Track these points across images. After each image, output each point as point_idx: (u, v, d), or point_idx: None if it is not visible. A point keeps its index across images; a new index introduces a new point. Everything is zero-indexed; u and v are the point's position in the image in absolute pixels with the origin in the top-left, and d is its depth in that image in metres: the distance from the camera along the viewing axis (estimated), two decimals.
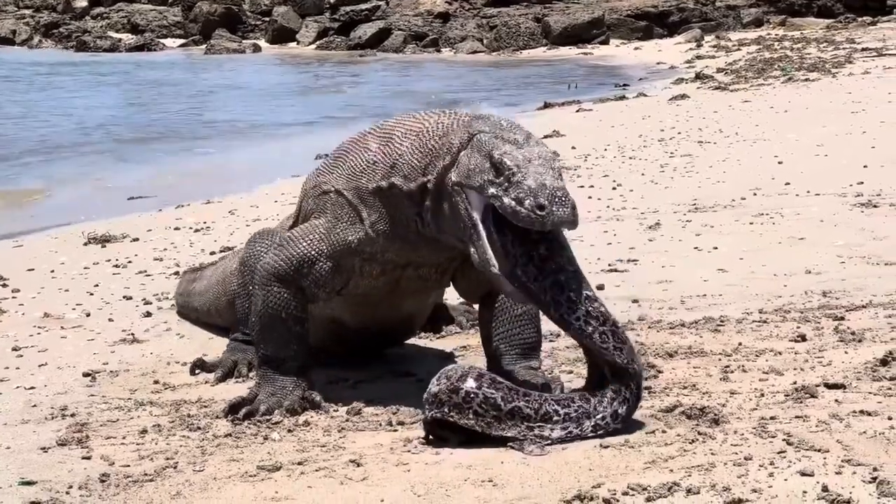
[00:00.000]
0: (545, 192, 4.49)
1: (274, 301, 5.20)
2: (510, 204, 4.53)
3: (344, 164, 5.30)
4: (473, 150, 4.74)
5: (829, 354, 5.50)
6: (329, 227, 5.21)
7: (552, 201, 4.47)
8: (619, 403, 4.60)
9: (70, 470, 4.55)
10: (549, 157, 4.68)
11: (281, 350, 5.22)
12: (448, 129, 4.95)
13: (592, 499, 3.91)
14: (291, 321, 5.21)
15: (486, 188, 4.62)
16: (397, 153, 5.07)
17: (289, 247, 5.22)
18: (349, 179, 5.22)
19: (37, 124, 20.60)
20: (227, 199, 12.61)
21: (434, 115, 5.10)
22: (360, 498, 4.12)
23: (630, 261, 8.07)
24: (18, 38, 44.91)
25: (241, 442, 4.79)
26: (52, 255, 9.48)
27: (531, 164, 4.60)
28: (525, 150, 4.67)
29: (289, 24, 42.80)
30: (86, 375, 5.94)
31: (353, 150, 5.31)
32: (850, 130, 14.30)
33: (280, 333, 5.21)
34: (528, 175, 4.54)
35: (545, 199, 4.47)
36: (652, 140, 14.97)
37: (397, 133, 5.15)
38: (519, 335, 5.33)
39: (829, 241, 8.34)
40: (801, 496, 3.83)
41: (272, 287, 5.20)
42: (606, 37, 37.82)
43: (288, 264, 5.19)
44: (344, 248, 5.17)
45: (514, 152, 4.64)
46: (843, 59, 25.00)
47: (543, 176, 4.55)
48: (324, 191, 5.34)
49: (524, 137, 4.77)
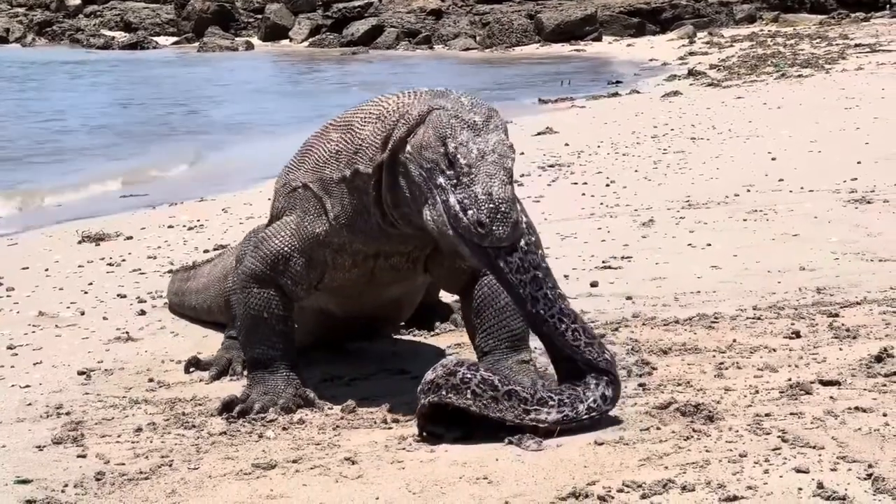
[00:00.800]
0: (489, 206, 4.44)
1: (255, 302, 5.21)
2: (454, 206, 4.50)
3: (309, 158, 5.32)
4: (429, 126, 4.70)
5: (824, 351, 5.51)
6: (298, 222, 5.22)
7: (493, 218, 4.43)
8: (604, 387, 4.62)
9: (65, 468, 4.55)
10: (503, 152, 4.60)
11: (268, 350, 5.23)
12: (408, 105, 4.91)
13: (587, 496, 3.91)
14: (274, 320, 5.21)
15: (435, 174, 4.60)
16: (359, 139, 5.05)
17: (262, 247, 5.24)
18: (314, 172, 5.22)
19: (30, 123, 20.56)
20: (220, 197, 12.61)
21: (394, 96, 5.08)
22: (355, 496, 4.12)
23: (624, 258, 8.07)
24: (12, 36, 44.87)
25: (236, 440, 4.79)
26: (47, 254, 9.47)
27: (484, 161, 4.54)
28: (481, 141, 4.60)
29: (281, 22, 42.79)
30: (80, 374, 5.93)
31: (316, 144, 5.32)
32: (844, 127, 14.31)
33: (265, 334, 5.22)
34: (478, 178, 4.50)
35: (486, 215, 4.43)
36: (645, 137, 14.97)
37: (357, 119, 5.14)
38: (506, 327, 5.19)
39: (823, 237, 8.34)
40: (797, 493, 3.83)
41: (252, 289, 5.22)
42: (599, 33, 37.85)
43: (264, 264, 5.20)
44: (313, 241, 5.18)
45: (470, 144, 4.58)
46: (837, 55, 25.03)
47: (493, 180, 4.49)
48: (293, 188, 5.35)
49: (483, 119, 4.69)
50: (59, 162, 16.29)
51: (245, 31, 44.00)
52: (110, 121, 21.03)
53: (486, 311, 5.20)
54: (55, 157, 16.68)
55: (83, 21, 47.63)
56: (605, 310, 6.68)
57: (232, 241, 9.18)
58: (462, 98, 4.82)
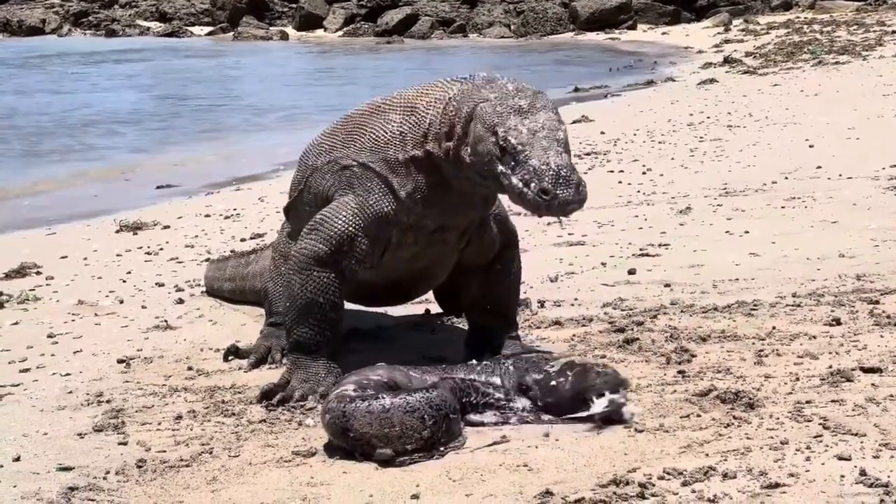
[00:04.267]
0: (550, 174, 4.54)
1: (313, 285, 5.17)
2: (517, 185, 4.62)
3: (363, 137, 5.32)
4: (477, 121, 4.81)
5: (865, 338, 5.47)
6: (361, 202, 5.20)
7: (556, 183, 4.53)
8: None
9: (107, 456, 4.58)
10: (553, 127, 4.71)
11: (315, 336, 5.21)
12: (465, 95, 4.98)
13: (628, 483, 3.90)
14: (329, 306, 5.19)
15: (494, 165, 4.72)
16: (426, 122, 5.10)
17: (324, 228, 5.19)
18: (374, 152, 5.24)
19: (66, 112, 20.65)
20: (256, 185, 12.65)
21: (457, 83, 5.12)
22: (395, 483, 4.13)
23: (661, 245, 8.05)
24: (48, 27, 45.04)
25: (276, 428, 4.80)
26: (85, 243, 9.52)
27: (536, 137, 4.65)
28: (530, 121, 4.71)
29: (316, 11, 42.77)
30: (120, 362, 5.96)
31: (372, 123, 5.33)
32: (882, 113, 14.21)
33: (316, 319, 5.19)
34: (533, 153, 4.61)
35: (549, 181, 4.53)
36: (681, 125, 14.91)
37: (421, 103, 5.18)
38: (506, 305, 5.59)
39: (862, 224, 8.28)
40: (839, 480, 3.81)
41: (312, 271, 5.17)
42: (634, 21, 37.66)
43: (327, 245, 5.16)
44: (380, 219, 5.18)
45: (519, 126, 4.69)
46: (874, 41, 24.83)
47: (548, 153, 4.60)
48: (342, 165, 5.35)
49: (529, 102, 4.80)
50: (96, 151, 16.35)
51: (279, 20, 44.01)
52: (146, 110, 21.10)
53: (496, 287, 5.56)
54: (90, 147, 16.75)
55: (118, 12, 47.78)
56: (643, 297, 6.66)
57: (269, 229, 9.21)
58: (508, 85, 4.91)
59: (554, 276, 7.30)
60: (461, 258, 5.51)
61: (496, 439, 4.45)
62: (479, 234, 5.40)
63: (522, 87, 4.91)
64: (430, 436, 4.35)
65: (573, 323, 6.17)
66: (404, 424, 4.32)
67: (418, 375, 4.77)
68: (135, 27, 44.01)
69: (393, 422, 4.32)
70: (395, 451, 4.31)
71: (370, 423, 4.32)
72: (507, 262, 5.57)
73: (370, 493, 4.06)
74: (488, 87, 4.92)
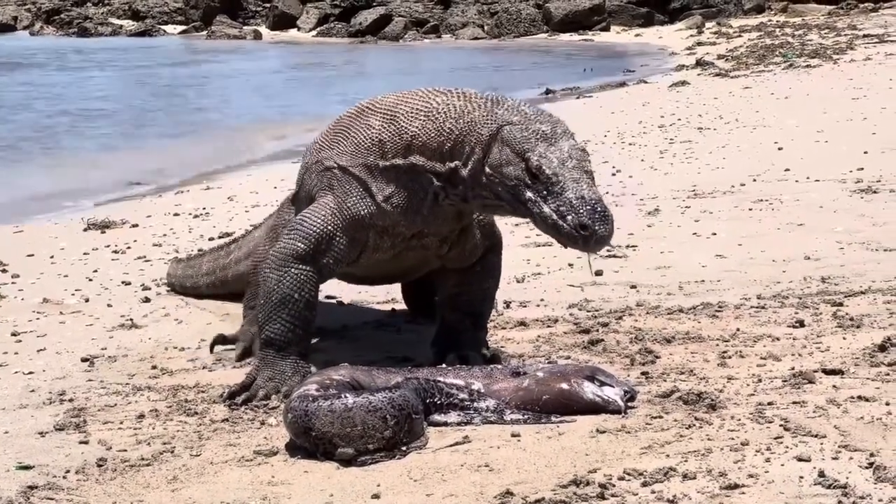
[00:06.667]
0: (586, 208, 4.58)
1: (290, 281, 5.18)
2: (550, 216, 4.65)
3: (345, 140, 5.35)
4: (503, 144, 4.81)
5: (828, 340, 5.50)
6: (339, 203, 5.24)
7: (594, 219, 4.58)
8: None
9: (67, 454, 4.55)
10: (580, 157, 4.75)
11: (286, 333, 5.21)
12: (464, 111, 4.98)
13: (589, 483, 3.91)
14: (303, 304, 5.19)
15: (521, 191, 4.74)
16: (408, 134, 5.10)
17: (304, 226, 5.23)
18: (353, 156, 5.26)
19: (35, 110, 20.56)
20: (226, 184, 12.61)
21: (441, 95, 5.11)
22: (356, 482, 4.12)
23: (629, 246, 8.07)
24: (20, 24, 44.88)
25: (238, 427, 4.79)
26: (52, 241, 9.47)
27: (565, 167, 4.67)
28: (557, 149, 4.73)
29: (289, 11, 42.74)
30: (84, 360, 5.93)
31: (354, 127, 5.35)
32: (851, 117, 14.28)
33: (290, 315, 5.19)
34: (567, 185, 4.64)
35: (587, 216, 4.57)
36: (652, 126, 14.95)
37: (401, 111, 5.18)
38: (479, 307, 5.56)
39: (828, 226, 8.33)
40: (798, 481, 3.82)
41: (290, 268, 5.18)
42: (607, 23, 37.77)
43: (306, 243, 5.19)
44: (357, 222, 5.20)
45: (549, 154, 4.70)
46: (845, 45, 24.97)
47: (580, 184, 4.65)
48: (325, 167, 5.39)
49: (551, 127, 4.82)
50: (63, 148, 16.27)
51: (253, 19, 43.99)
52: (116, 108, 21.02)
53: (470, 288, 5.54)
54: (58, 144, 16.67)
55: (91, 9, 47.63)
56: (609, 298, 6.68)
57: (237, 228, 9.19)
58: (523, 107, 4.93)
59: (521, 277, 7.31)
60: (443, 260, 5.53)
61: (458, 440, 4.45)
62: (461, 241, 5.41)
63: (538, 110, 4.95)
64: (392, 436, 4.34)
65: (538, 324, 6.18)
66: (366, 424, 4.32)
67: (382, 375, 4.77)
68: (107, 25, 43.86)
69: (355, 421, 4.31)
70: (357, 451, 4.30)
71: (332, 423, 4.31)
72: (489, 265, 5.58)
73: (331, 492, 4.05)
74: (502, 108, 4.93)
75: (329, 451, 4.32)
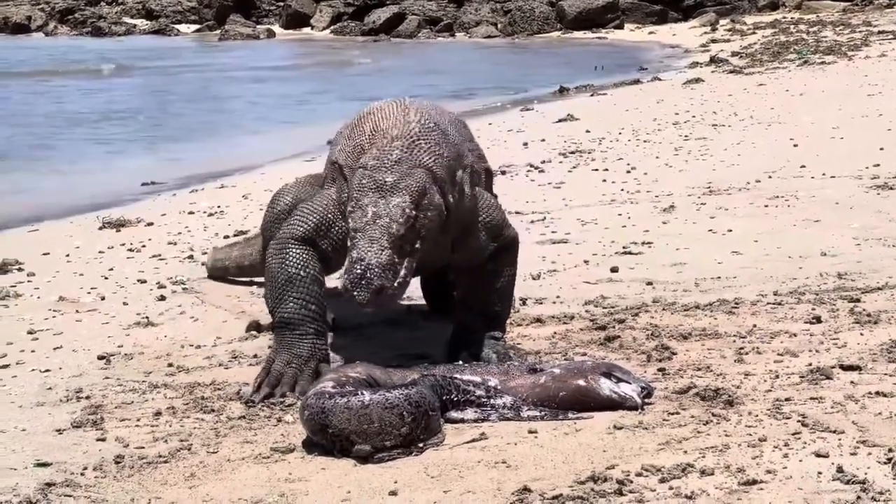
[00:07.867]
0: (354, 273, 4.73)
1: (292, 260, 5.28)
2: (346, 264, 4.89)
3: (347, 139, 5.64)
4: (352, 186, 5.07)
5: (845, 336, 5.49)
6: (338, 194, 5.42)
7: (356, 285, 4.71)
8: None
9: (85, 452, 4.57)
10: (394, 216, 4.85)
11: (299, 310, 5.25)
12: (368, 136, 5.40)
13: (606, 479, 3.91)
14: (310, 280, 5.27)
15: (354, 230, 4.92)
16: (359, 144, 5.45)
17: (306, 212, 5.43)
18: (348, 156, 5.50)
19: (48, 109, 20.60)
20: (240, 183, 12.61)
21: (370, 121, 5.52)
22: (373, 479, 4.12)
23: (644, 243, 8.06)
24: (34, 24, 44.92)
25: (255, 424, 4.80)
26: (68, 240, 9.48)
27: (372, 225, 4.83)
28: (383, 203, 4.88)
29: (303, 9, 42.71)
30: (101, 358, 5.94)
31: (355, 126, 5.65)
32: (867, 113, 14.23)
33: (298, 293, 5.25)
34: (360, 243, 4.80)
35: (350, 281, 4.73)
36: (666, 123, 14.92)
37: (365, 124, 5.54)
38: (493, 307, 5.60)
39: (844, 223, 8.31)
40: (816, 477, 3.82)
41: (292, 248, 5.31)
42: (621, 21, 37.69)
43: (304, 227, 5.35)
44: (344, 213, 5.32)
45: (368, 207, 4.87)
46: (860, 41, 24.88)
47: (371, 247, 4.78)
48: (332, 161, 5.67)
49: (395, 179, 4.96)
50: (80, 148, 16.29)
51: (266, 18, 43.94)
52: (132, 107, 21.03)
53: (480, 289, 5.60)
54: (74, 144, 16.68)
55: (105, 9, 47.64)
56: (625, 295, 6.67)
57: (252, 227, 9.19)
58: (393, 151, 5.08)
59: (536, 274, 7.31)
60: (452, 260, 5.56)
61: (475, 436, 4.45)
62: (464, 242, 5.47)
63: (402, 159, 5.06)
64: (409, 432, 4.34)
65: (555, 320, 6.17)
66: (383, 421, 4.32)
67: (398, 372, 4.77)
68: (121, 24, 43.89)
69: (372, 418, 4.31)
70: (374, 448, 4.30)
71: (349, 420, 4.31)
72: (500, 265, 5.61)
73: (348, 489, 4.06)
74: (378, 146, 5.18)
75: (346, 448, 4.32)
